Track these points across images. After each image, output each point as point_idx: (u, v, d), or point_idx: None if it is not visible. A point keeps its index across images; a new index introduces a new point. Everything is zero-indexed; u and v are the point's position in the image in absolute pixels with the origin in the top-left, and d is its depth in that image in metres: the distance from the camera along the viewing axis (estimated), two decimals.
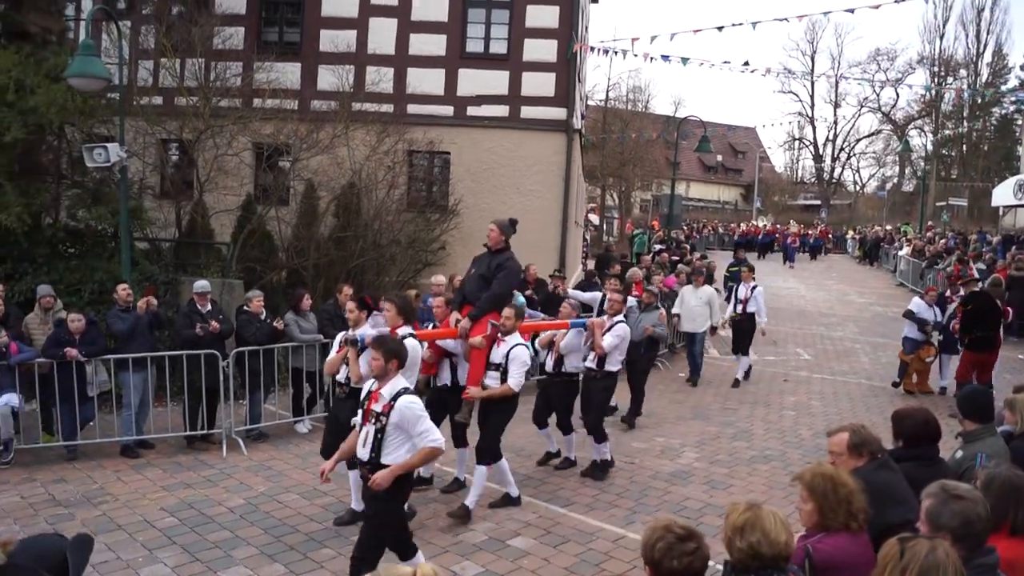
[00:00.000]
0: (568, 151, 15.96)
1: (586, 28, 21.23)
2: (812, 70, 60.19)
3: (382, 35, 16.15)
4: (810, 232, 42.67)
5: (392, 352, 5.25)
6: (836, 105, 62.72)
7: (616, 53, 18.68)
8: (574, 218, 18.07)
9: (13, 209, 10.75)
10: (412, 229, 14.86)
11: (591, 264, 21.94)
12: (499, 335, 7.46)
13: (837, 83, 59.86)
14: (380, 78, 15.79)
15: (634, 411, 10.90)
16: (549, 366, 8.82)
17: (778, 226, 45.59)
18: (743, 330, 13.55)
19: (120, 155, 10.52)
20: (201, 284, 9.92)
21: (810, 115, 62.89)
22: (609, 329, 8.60)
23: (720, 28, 16.79)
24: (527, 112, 15.98)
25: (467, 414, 7.68)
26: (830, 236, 44.11)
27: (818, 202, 60.34)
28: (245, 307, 10.13)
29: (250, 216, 13.88)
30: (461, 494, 7.75)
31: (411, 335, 6.60)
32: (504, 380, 7.30)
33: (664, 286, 14.82)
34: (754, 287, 13.56)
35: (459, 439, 7.90)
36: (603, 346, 8.48)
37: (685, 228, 37.93)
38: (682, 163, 42.56)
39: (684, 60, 18.34)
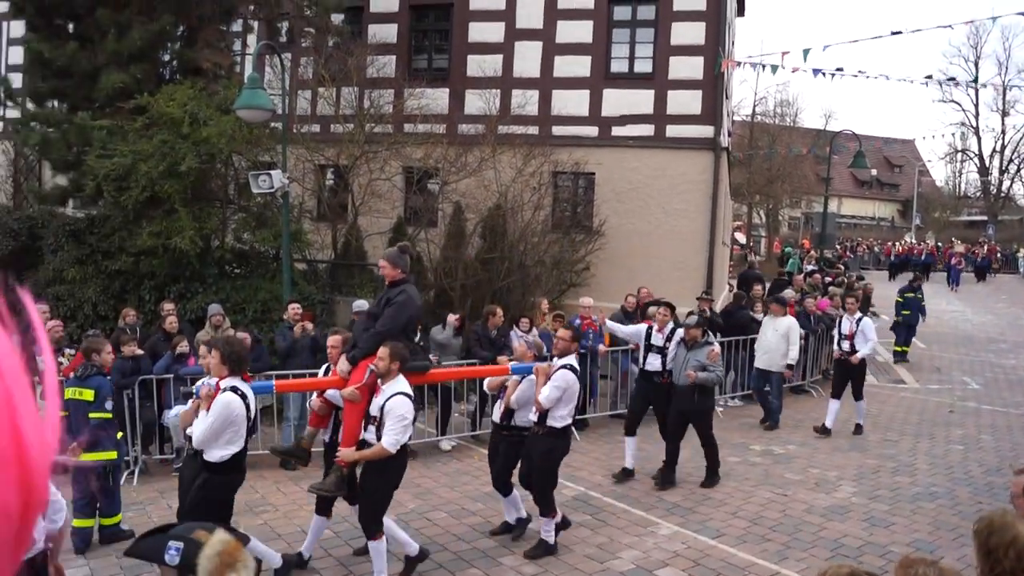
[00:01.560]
0: (715, 169, 15.64)
1: (732, 43, 20.81)
2: (976, 77, 56.63)
3: (527, 58, 16.37)
4: (976, 251, 40.05)
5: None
6: (1004, 114, 58.72)
7: (764, 67, 18.20)
8: (721, 238, 17.67)
9: (187, 233, 11.53)
10: (557, 250, 14.93)
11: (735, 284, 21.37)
12: (378, 382, 6.20)
13: (1005, 90, 56.05)
14: (526, 101, 15.99)
15: (670, 467, 9.09)
16: (496, 416, 7.56)
17: (939, 244, 43.03)
18: (846, 371, 11.37)
19: (283, 181, 11.11)
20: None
21: (975, 125, 59.17)
22: (551, 376, 7.00)
23: (878, 37, 16.06)
24: (673, 131, 15.78)
25: (333, 482, 6.34)
26: (998, 255, 41.26)
27: (984, 218, 56.51)
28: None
29: (400, 238, 14.31)
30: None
31: (233, 388, 5.71)
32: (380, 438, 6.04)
33: (817, 309, 14.25)
34: (859, 319, 11.46)
35: (322, 508, 6.78)
36: (539, 398, 6.91)
37: (838, 247, 36.38)
38: (834, 178, 40.90)
39: (834, 73, 17.67)
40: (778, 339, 11.78)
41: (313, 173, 14.87)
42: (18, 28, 17.53)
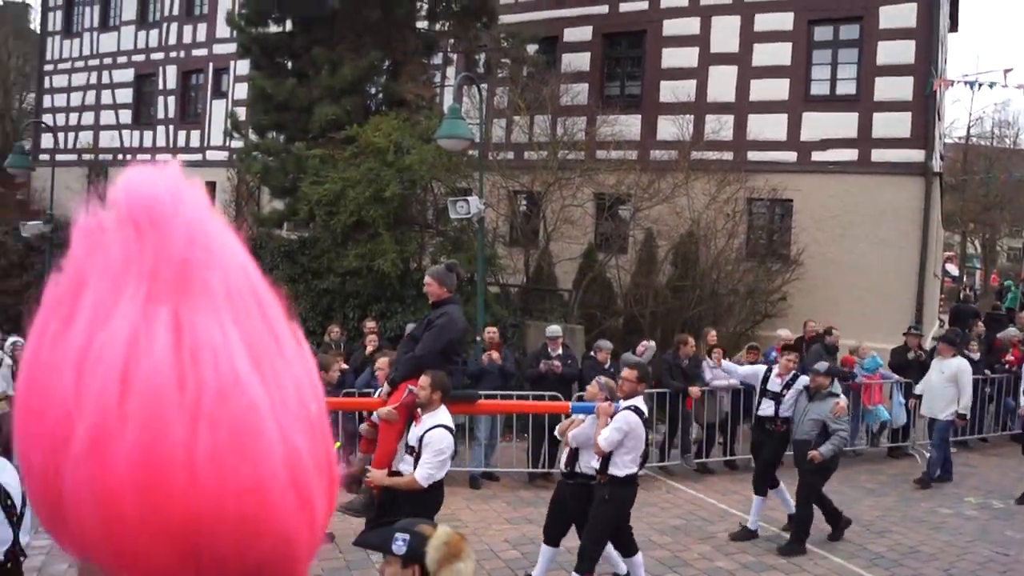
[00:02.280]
0: (926, 196, 14.63)
1: (945, 61, 19.49)
2: None
3: (722, 83, 16.05)
4: None
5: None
6: None
7: (980, 85, 16.91)
8: (932, 269, 16.50)
9: (389, 255, 12.13)
10: (751, 279, 14.46)
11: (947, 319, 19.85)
12: (418, 410, 5.92)
13: None
14: (720, 126, 15.66)
15: (833, 520, 8.18)
16: (562, 463, 6.97)
17: None
18: None
19: (479, 207, 11.42)
20: (553, 329, 10.43)
21: None
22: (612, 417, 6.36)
23: None
24: (879, 155, 14.93)
25: (362, 503, 6.17)
26: None
27: None
28: (592, 354, 10.45)
29: (591, 264, 14.38)
30: None
31: None
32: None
33: None
34: None
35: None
36: (598, 441, 6.26)
37: None
38: None
39: None
40: (943, 383, 10.36)
41: (507, 199, 15.23)
42: (243, 66, 19.17)
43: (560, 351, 10.28)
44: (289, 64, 14.87)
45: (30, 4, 28.43)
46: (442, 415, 5.85)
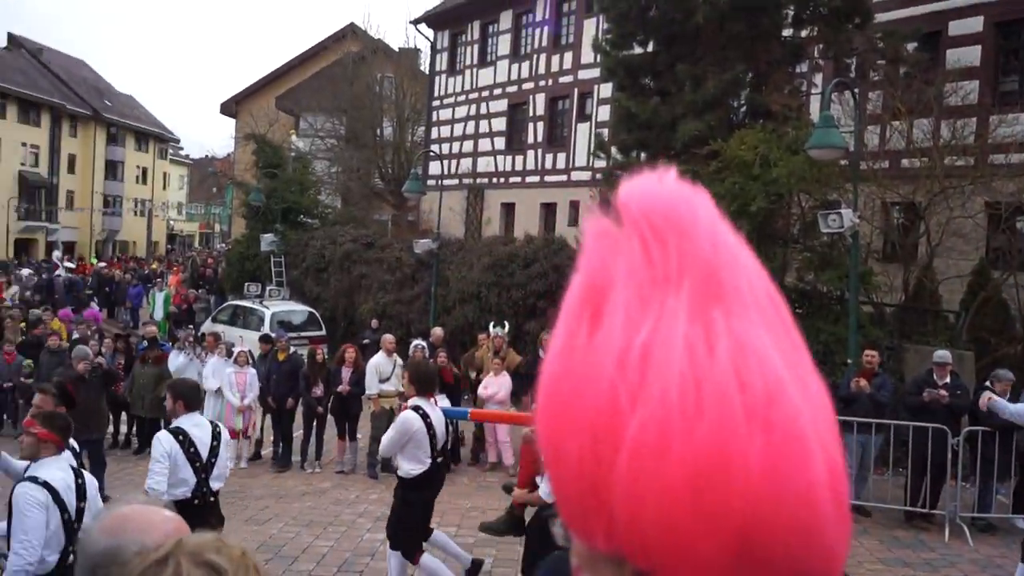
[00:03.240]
0: None
1: None
2: None
3: None
4: None
5: None
6: None
7: None
8: None
9: None
10: None
11: None
12: None
13: None
14: None
15: None
16: None
17: None
18: None
19: (853, 220, 10.71)
20: (942, 354, 9.48)
21: None
22: None
23: None
24: None
25: (504, 522, 6.36)
26: None
27: None
28: (988, 384, 9.30)
29: (983, 282, 12.80)
30: None
31: (416, 407, 6.48)
32: None
33: None
34: None
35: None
36: None
37: None
38: None
39: None
40: None
41: (881, 211, 14.11)
42: (606, 90, 19.89)
43: (948, 379, 9.27)
44: (652, 83, 15.13)
45: (420, 49, 31.99)
46: None
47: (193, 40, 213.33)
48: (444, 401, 7.86)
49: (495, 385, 11.83)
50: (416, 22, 28.03)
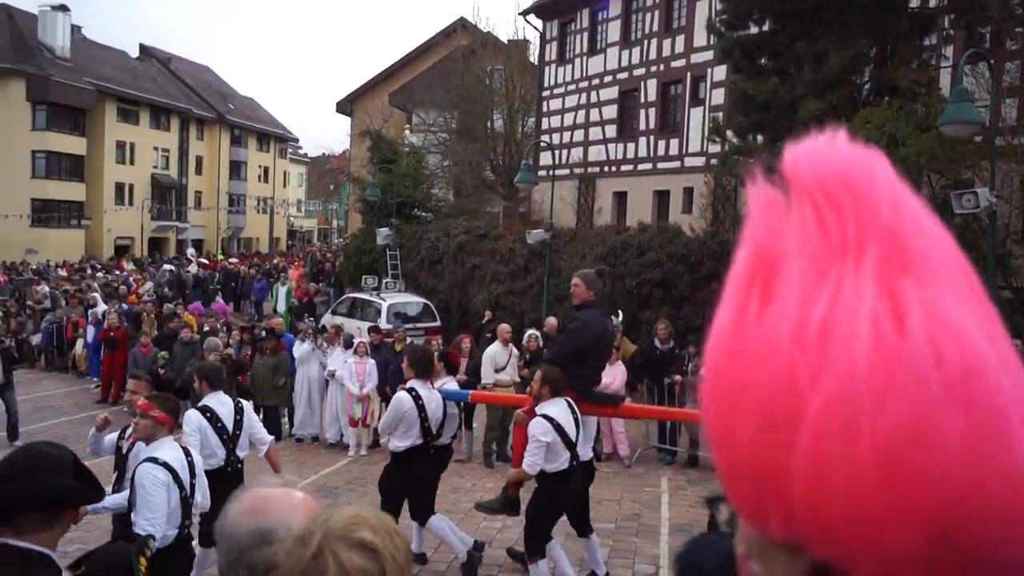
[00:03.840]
0: None
1: None
2: None
3: None
4: None
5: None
6: None
7: None
8: None
9: None
10: None
11: None
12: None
13: None
14: None
15: None
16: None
17: None
18: None
19: (989, 200, 10.09)
20: None
21: None
22: None
23: None
24: None
25: (499, 501, 6.70)
26: None
27: None
28: None
29: None
30: None
31: (410, 389, 7.14)
32: None
33: None
34: None
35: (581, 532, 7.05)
36: None
37: None
38: None
39: None
40: None
41: (1020, 189, 13.24)
42: (720, 72, 19.39)
43: None
44: (769, 63, 14.63)
45: (529, 40, 32.01)
46: (549, 407, 6.42)
47: (309, 43, 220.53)
48: (452, 384, 8.04)
49: (609, 375, 11.69)
50: (525, 13, 28.05)
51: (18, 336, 22.27)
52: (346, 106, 42.62)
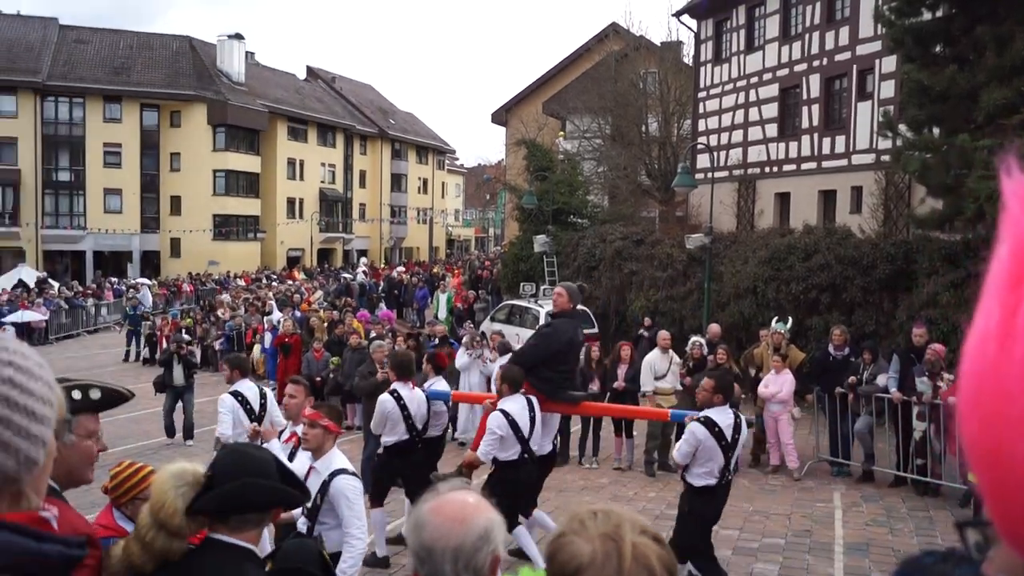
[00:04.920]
0: None
1: None
2: None
3: None
4: None
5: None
6: None
7: None
8: None
9: None
10: None
11: None
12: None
13: None
14: None
15: None
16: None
17: None
18: None
19: None
20: None
21: None
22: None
23: None
24: None
25: (453, 476, 6.58)
26: None
27: None
28: None
29: None
30: None
31: (392, 391, 7.92)
32: None
33: None
34: None
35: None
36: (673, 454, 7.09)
37: None
38: None
39: None
40: None
41: None
42: (889, 63, 18.37)
43: None
44: (946, 50, 13.70)
45: (683, 41, 31.46)
46: (508, 403, 7.12)
47: (465, 59, 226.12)
48: (441, 384, 8.65)
49: (776, 383, 11.28)
50: (679, 14, 27.61)
51: (203, 341, 24.01)
52: (501, 116, 43.32)
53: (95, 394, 2.45)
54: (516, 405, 7.15)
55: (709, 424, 6.42)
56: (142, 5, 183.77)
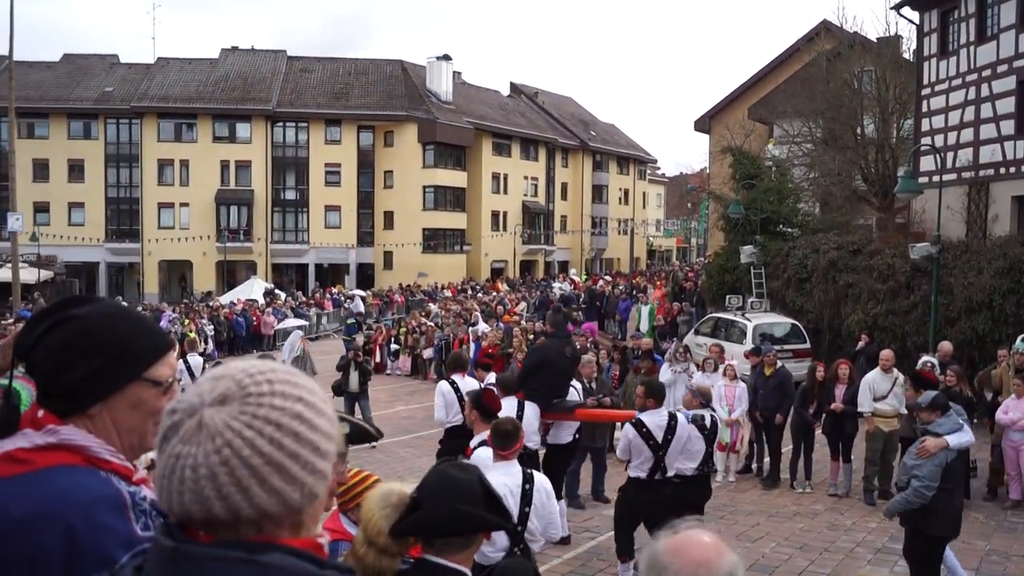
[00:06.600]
0: None
1: None
2: None
3: None
4: None
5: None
6: None
7: None
8: None
9: None
10: None
11: None
12: None
13: None
14: None
15: None
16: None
17: None
18: None
19: None
20: None
21: None
22: None
23: None
24: None
25: None
26: None
27: None
28: None
29: None
30: None
31: (449, 380, 9.45)
32: None
33: None
34: None
35: None
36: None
37: None
38: None
39: None
40: None
41: None
42: None
43: None
44: None
45: (902, 35, 29.35)
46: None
47: (665, 67, 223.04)
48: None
49: (1018, 409, 10.20)
50: (898, 7, 25.76)
51: (413, 350, 25.09)
52: (704, 123, 42.38)
53: (344, 428, 2.57)
54: (507, 404, 7.66)
55: (638, 425, 7.41)
56: (358, 33, 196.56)
